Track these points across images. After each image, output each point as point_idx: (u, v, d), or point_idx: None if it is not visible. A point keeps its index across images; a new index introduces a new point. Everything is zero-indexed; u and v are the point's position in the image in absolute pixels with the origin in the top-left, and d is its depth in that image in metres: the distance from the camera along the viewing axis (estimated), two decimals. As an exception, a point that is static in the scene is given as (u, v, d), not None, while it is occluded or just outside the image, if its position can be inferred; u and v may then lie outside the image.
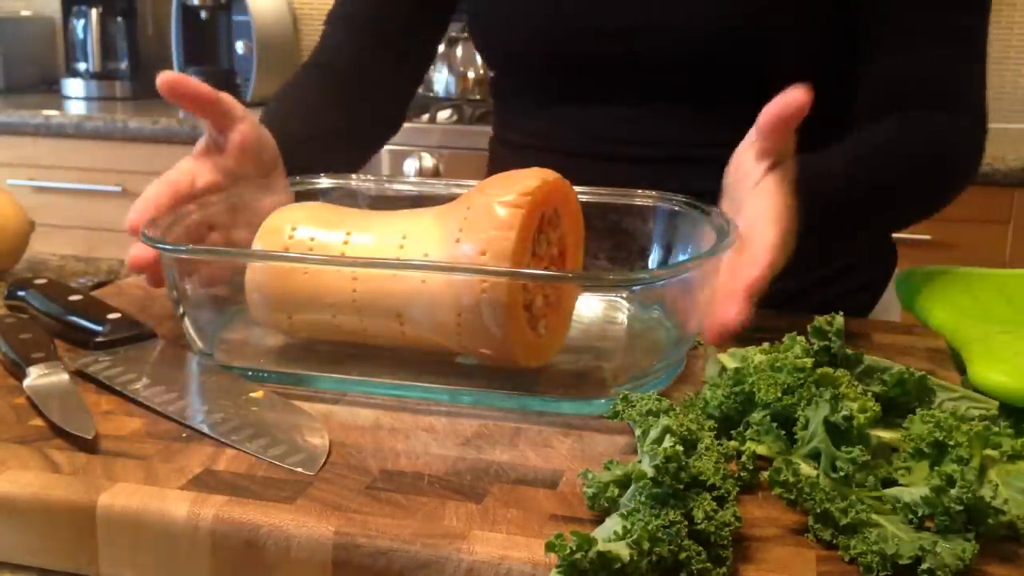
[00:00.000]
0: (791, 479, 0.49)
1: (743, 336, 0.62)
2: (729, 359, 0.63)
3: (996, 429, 0.52)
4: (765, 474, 0.51)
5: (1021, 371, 0.60)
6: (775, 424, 0.55)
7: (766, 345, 0.63)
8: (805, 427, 0.54)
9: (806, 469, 0.51)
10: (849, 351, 0.61)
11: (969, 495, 0.46)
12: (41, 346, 0.68)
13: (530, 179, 0.64)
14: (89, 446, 0.56)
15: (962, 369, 0.66)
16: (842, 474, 0.50)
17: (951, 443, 0.51)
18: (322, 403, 0.63)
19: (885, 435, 0.55)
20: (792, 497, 0.49)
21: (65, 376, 0.64)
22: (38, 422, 0.60)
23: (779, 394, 0.56)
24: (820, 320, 0.61)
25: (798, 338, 0.61)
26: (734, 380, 0.58)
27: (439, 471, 0.55)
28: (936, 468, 0.49)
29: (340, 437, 0.59)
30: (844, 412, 0.52)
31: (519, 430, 0.60)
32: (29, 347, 0.67)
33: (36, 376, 0.64)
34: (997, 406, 0.59)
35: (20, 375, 0.65)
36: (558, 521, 0.50)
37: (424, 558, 0.47)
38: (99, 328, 0.72)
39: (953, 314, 0.70)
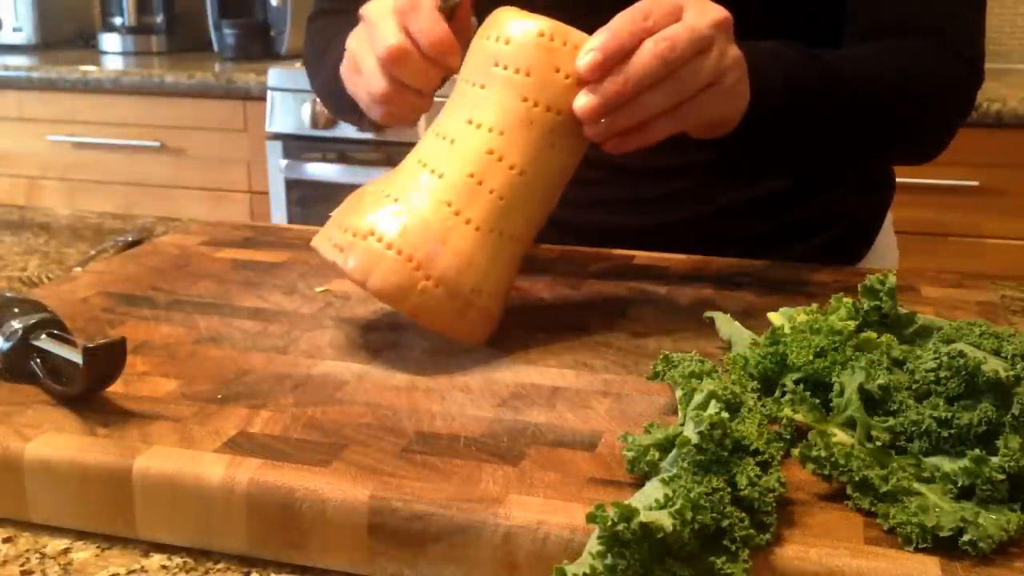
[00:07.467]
0: (823, 454, 0.47)
1: (796, 295, 0.60)
2: (778, 318, 0.61)
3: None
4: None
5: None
6: (808, 393, 0.53)
7: (815, 305, 0.61)
8: (841, 394, 0.52)
9: (842, 437, 0.50)
10: (902, 310, 0.59)
11: (1012, 463, 0.44)
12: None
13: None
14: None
15: None
16: (878, 444, 0.48)
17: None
18: (356, 363, 0.63)
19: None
20: (825, 472, 0.47)
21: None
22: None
23: (811, 357, 0.54)
24: (872, 279, 0.59)
25: (844, 299, 0.59)
26: (770, 340, 0.57)
27: (475, 433, 0.54)
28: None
29: (375, 398, 0.58)
30: (879, 380, 0.50)
31: (556, 390, 0.59)
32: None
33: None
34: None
35: None
36: (596, 485, 0.49)
37: (460, 522, 0.46)
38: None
39: None
